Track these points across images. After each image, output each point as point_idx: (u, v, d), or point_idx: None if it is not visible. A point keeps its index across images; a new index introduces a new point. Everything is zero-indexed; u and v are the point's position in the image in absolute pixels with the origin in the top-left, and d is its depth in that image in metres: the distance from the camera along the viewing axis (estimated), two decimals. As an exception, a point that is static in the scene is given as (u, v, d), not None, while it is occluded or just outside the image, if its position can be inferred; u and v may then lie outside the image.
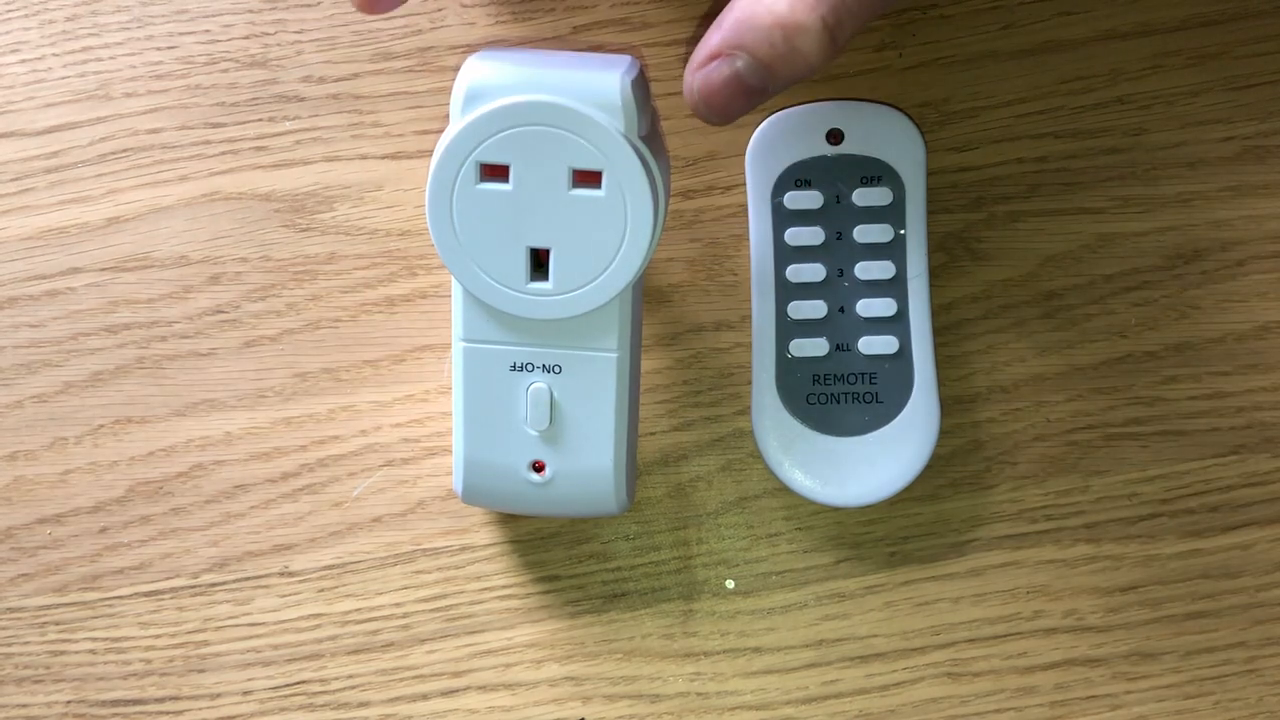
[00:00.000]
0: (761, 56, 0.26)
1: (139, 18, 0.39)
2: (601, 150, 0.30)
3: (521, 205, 0.31)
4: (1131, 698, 0.38)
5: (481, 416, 0.34)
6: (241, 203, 0.39)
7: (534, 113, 0.30)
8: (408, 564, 0.39)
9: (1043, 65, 0.39)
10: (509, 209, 0.31)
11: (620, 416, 0.34)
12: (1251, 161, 0.39)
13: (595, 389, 0.33)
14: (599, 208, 0.31)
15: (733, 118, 0.27)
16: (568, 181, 0.31)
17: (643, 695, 0.39)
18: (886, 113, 0.37)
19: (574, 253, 0.31)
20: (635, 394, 0.35)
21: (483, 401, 0.34)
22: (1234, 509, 0.38)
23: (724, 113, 0.27)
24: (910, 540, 0.39)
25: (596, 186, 0.31)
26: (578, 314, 0.32)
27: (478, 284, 0.32)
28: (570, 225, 0.31)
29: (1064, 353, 0.39)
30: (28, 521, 0.39)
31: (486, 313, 0.33)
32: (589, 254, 0.31)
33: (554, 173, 0.31)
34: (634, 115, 0.30)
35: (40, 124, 0.39)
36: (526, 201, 0.31)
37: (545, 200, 0.31)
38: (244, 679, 0.39)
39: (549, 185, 0.31)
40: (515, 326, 0.33)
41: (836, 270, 0.37)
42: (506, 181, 0.31)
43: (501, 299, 0.32)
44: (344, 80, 0.39)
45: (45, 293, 0.39)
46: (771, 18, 0.26)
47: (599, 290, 0.31)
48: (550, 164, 0.31)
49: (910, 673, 0.38)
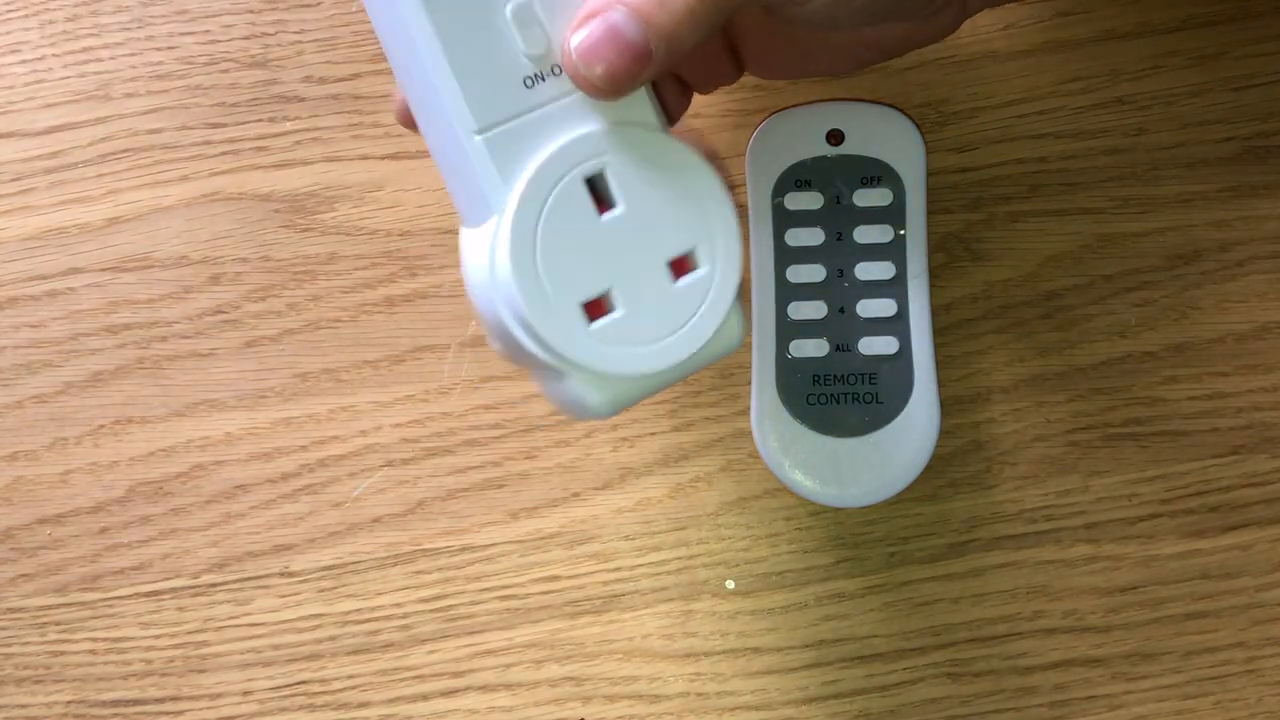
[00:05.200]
0: (635, 4, 0.25)
1: (139, 18, 0.39)
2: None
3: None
4: (1131, 698, 0.38)
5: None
6: (242, 203, 0.39)
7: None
8: (408, 564, 0.39)
9: (1043, 65, 0.39)
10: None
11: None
12: (1251, 161, 0.39)
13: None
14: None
15: (620, 81, 0.25)
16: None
17: (643, 695, 0.39)
18: (887, 113, 0.37)
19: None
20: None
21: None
22: (1234, 509, 0.38)
23: (610, 76, 0.25)
24: (910, 540, 0.39)
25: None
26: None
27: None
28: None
29: (1064, 353, 0.39)
30: (28, 522, 0.39)
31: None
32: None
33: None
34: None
35: (41, 124, 0.39)
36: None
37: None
38: (244, 679, 0.39)
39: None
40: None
41: (836, 271, 0.37)
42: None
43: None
44: (344, 80, 0.39)
45: (45, 293, 0.39)
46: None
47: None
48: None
49: (910, 673, 0.38)
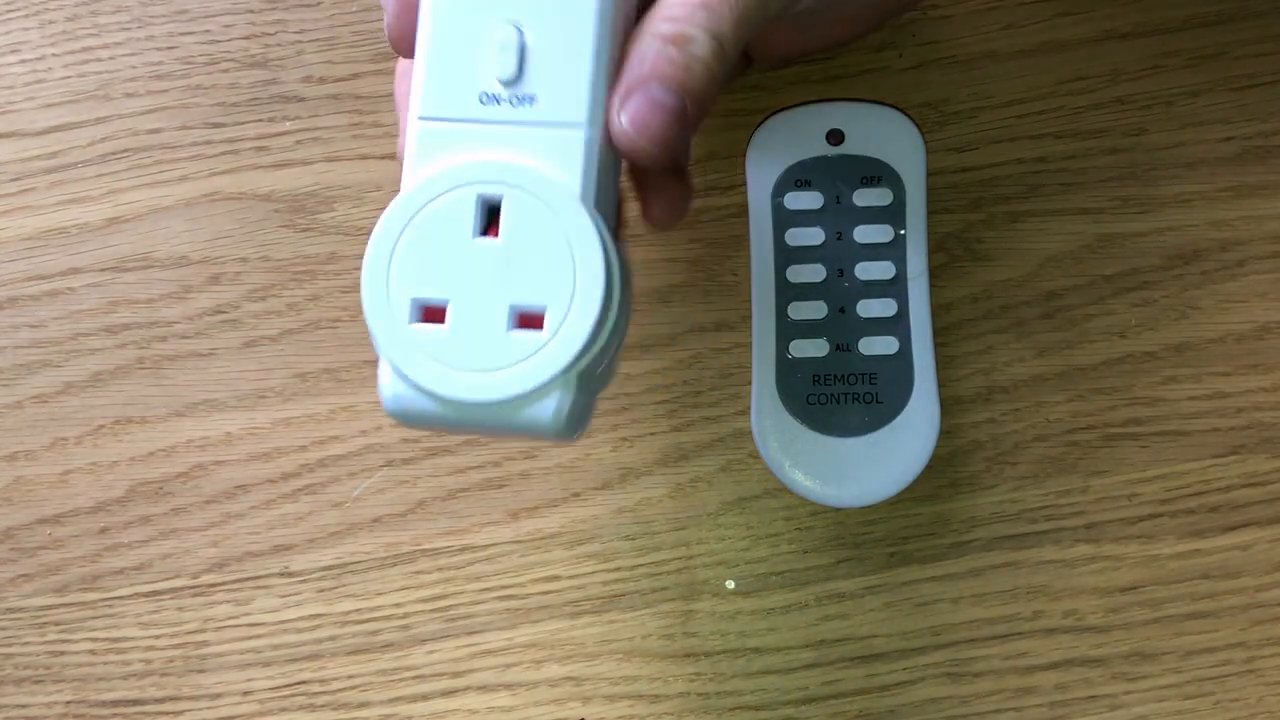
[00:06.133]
0: (667, 76, 0.28)
1: (139, 18, 0.39)
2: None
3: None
4: (1131, 698, 0.38)
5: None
6: (242, 203, 0.39)
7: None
8: (408, 564, 0.39)
9: (1043, 65, 0.39)
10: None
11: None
12: (1251, 161, 0.39)
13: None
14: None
15: (670, 144, 0.28)
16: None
17: (643, 696, 0.39)
18: (887, 113, 0.37)
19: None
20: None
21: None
22: (1234, 509, 0.38)
23: (660, 140, 0.28)
24: (910, 540, 0.39)
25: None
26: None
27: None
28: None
29: (1064, 353, 0.39)
30: (28, 522, 0.39)
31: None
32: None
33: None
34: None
35: (40, 124, 0.39)
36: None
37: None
38: (244, 679, 0.39)
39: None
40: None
41: (837, 271, 0.37)
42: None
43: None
44: (344, 80, 0.39)
45: (45, 293, 0.39)
46: (659, 40, 0.28)
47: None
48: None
49: (910, 673, 0.38)
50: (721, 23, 0.28)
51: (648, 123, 0.28)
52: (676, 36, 0.28)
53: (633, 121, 0.28)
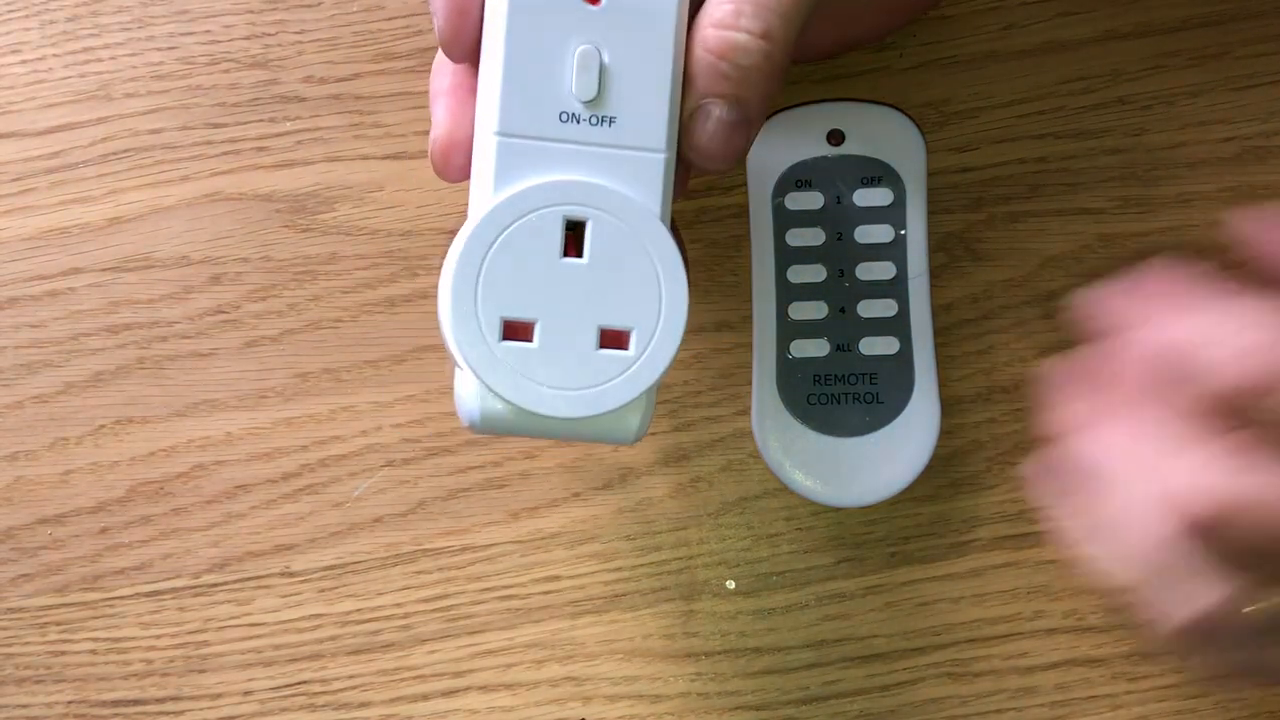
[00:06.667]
0: (723, 91, 0.29)
1: (140, 18, 0.39)
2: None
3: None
4: (1131, 698, 0.38)
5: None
6: (242, 203, 0.39)
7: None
8: (408, 564, 0.39)
9: (1043, 65, 0.39)
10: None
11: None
12: (1251, 161, 0.39)
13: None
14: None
15: (739, 154, 0.29)
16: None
17: (643, 695, 0.39)
18: (887, 113, 0.37)
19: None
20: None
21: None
22: (1234, 509, 0.38)
23: (728, 155, 0.29)
24: (910, 540, 0.39)
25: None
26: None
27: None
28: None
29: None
30: (28, 522, 0.39)
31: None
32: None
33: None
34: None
35: (41, 124, 0.39)
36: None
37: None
38: (245, 679, 0.39)
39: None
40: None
41: (837, 271, 0.37)
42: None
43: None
44: (345, 80, 0.39)
45: (46, 293, 0.39)
46: (709, 55, 0.28)
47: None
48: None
49: (910, 673, 0.39)
50: (769, 18, 0.28)
51: (714, 141, 0.29)
52: (725, 49, 0.28)
53: (703, 143, 0.29)
